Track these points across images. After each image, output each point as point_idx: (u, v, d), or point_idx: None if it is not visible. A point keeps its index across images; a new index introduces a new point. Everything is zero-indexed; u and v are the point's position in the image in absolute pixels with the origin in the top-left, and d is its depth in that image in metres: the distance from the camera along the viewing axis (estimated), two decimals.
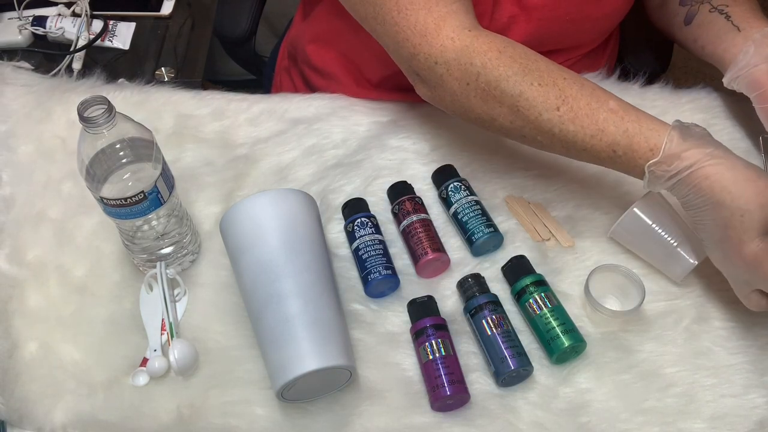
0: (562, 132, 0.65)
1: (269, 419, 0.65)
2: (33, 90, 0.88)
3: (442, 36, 0.67)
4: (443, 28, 0.67)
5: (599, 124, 0.64)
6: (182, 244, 0.72)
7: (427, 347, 0.66)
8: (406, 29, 0.68)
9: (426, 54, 0.68)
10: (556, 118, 0.65)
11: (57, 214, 0.78)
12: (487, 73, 0.66)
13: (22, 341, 0.70)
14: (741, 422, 0.63)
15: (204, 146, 0.83)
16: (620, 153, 0.63)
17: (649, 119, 0.63)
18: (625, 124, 0.63)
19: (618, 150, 0.63)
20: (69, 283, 0.74)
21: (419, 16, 0.68)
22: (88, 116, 0.59)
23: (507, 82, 0.65)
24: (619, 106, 0.64)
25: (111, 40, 1.02)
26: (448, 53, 0.67)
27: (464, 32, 0.67)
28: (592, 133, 0.64)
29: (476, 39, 0.67)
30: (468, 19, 0.69)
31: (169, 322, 0.69)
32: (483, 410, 0.65)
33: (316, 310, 0.63)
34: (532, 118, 0.65)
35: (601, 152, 0.64)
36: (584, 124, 0.64)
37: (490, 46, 0.66)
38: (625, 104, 0.65)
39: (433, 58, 0.68)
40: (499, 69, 0.66)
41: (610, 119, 0.63)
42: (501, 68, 0.66)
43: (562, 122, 0.65)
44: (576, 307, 0.70)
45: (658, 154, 0.61)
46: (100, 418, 0.66)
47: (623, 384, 0.66)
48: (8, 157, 0.83)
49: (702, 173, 0.61)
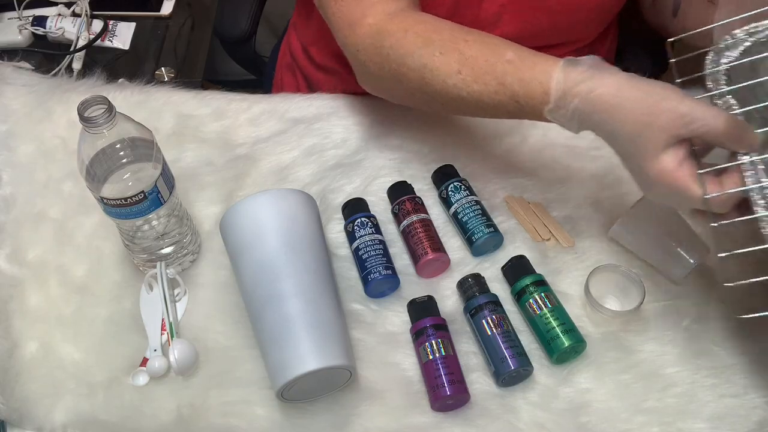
0: (470, 94, 0.65)
1: (269, 419, 0.65)
2: (33, 90, 0.88)
3: (364, 24, 0.69)
4: (367, 16, 0.69)
5: (499, 78, 0.64)
6: (182, 244, 0.72)
7: (427, 347, 0.66)
8: (340, 19, 0.70)
9: (352, 43, 0.70)
10: (460, 82, 0.65)
11: (57, 213, 0.78)
12: (395, 53, 0.67)
13: (23, 341, 0.70)
14: (741, 422, 0.63)
15: (204, 146, 0.83)
16: (523, 103, 0.63)
17: (544, 62, 0.62)
18: (520, 72, 0.62)
19: (520, 100, 0.63)
20: (69, 282, 0.74)
21: (351, 6, 0.69)
22: (89, 116, 0.59)
23: (411, 58, 0.66)
24: (516, 55, 0.64)
25: (111, 40, 1.02)
26: (366, 39, 0.69)
27: (382, 17, 0.68)
28: (495, 88, 0.64)
29: (390, 21, 0.68)
30: (394, 5, 0.69)
31: (169, 322, 0.69)
32: (483, 410, 0.65)
33: (316, 310, 0.63)
34: (439, 86, 0.66)
35: (509, 105, 0.64)
36: (486, 81, 0.64)
37: (399, 27, 0.67)
38: (524, 52, 0.64)
39: (355, 46, 0.70)
40: (405, 47, 0.67)
41: (507, 71, 0.63)
42: (406, 46, 0.67)
43: (466, 84, 0.65)
44: (576, 307, 0.70)
45: (550, 99, 0.61)
46: (100, 418, 0.66)
47: (623, 384, 0.66)
48: (8, 157, 0.83)
49: (593, 107, 0.59)
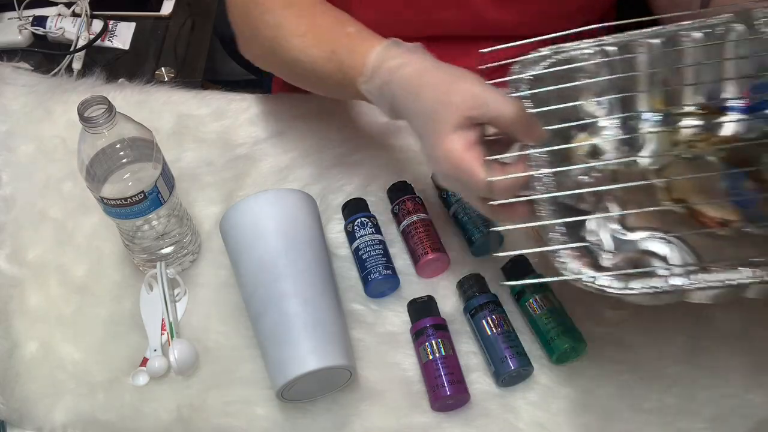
0: (307, 57, 0.67)
1: (269, 419, 0.65)
2: (33, 90, 0.88)
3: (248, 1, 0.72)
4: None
5: (333, 46, 0.65)
6: (182, 244, 0.72)
7: (427, 347, 0.66)
8: None
9: (229, 2, 0.73)
10: (301, 44, 0.67)
11: (57, 213, 0.78)
12: (257, 9, 0.69)
13: (22, 341, 0.70)
14: (741, 422, 0.63)
15: (204, 146, 0.83)
16: (345, 72, 0.64)
17: (376, 40, 0.63)
18: (352, 44, 0.64)
19: (344, 69, 0.64)
20: (69, 282, 0.74)
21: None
22: (89, 116, 0.59)
23: (271, 14, 0.69)
24: (356, 30, 0.65)
25: (111, 40, 1.02)
26: (239, 8, 0.72)
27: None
28: (328, 56, 0.65)
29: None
30: None
31: (169, 322, 0.69)
32: (483, 410, 0.65)
33: (316, 310, 0.63)
34: (285, 46, 0.68)
35: (335, 75, 0.65)
36: (323, 47, 0.66)
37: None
38: (366, 31, 0.65)
39: (229, 4, 0.73)
40: (266, 4, 0.69)
41: (343, 42, 0.65)
42: (268, 3, 0.69)
43: (306, 47, 0.66)
44: (576, 307, 0.70)
45: (365, 70, 0.62)
46: (100, 418, 0.66)
47: (623, 384, 0.66)
48: (8, 157, 0.83)
49: (398, 85, 0.60)
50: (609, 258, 0.61)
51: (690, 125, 0.67)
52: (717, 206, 0.62)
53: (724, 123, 0.67)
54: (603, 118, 0.68)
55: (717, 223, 0.61)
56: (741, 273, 0.52)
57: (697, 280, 0.53)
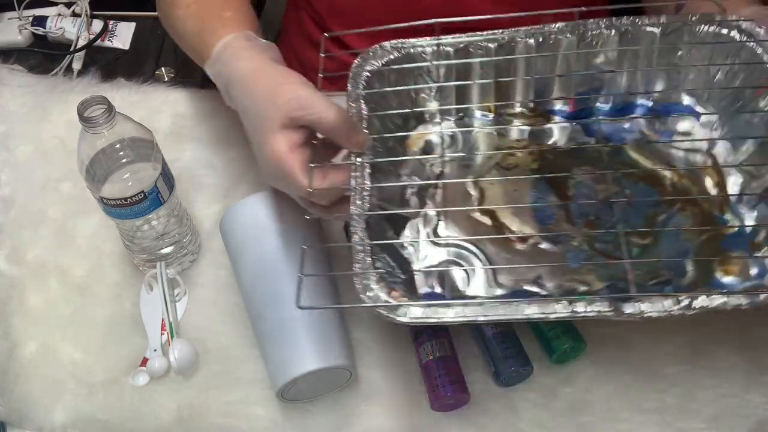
0: (183, 29, 0.71)
1: (269, 419, 0.65)
2: (30, 90, 0.88)
3: None
4: None
5: (203, 24, 0.68)
6: (182, 243, 0.72)
7: (427, 347, 0.66)
8: None
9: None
10: (183, 15, 0.70)
11: (56, 214, 0.78)
12: None
13: (22, 341, 0.70)
14: (741, 422, 0.63)
15: (203, 146, 0.83)
16: (202, 50, 0.66)
17: (238, 28, 0.66)
18: (219, 27, 0.66)
19: (202, 47, 0.66)
20: (69, 283, 0.74)
21: None
22: (88, 116, 0.59)
23: None
24: (233, 15, 0.67)
25: (111, 40, 1.02)
26: None
27: None
28: (197, 32, 0.68)
29: None
30: None
31: (169, 322, 0.69)
32: (483, 410, 0.65)
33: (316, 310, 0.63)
34: (172, 14, 0.72)
35: (197, 51, 0.68)
36: (196, 23, 0.69)
37: None
38: (242, 17, 0.68)
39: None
40: None
41: (212, 22, 0.67)
42: None
43: (184, 18, 0.70)
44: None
45: (211, 54, 0.65)
46: (100, 418, 0.66)
47: (623, 384, 0.66)
48: (7, 158, 0.83)
49: (229, 78, 0.63)
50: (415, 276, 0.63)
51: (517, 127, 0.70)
52: (520, 220, 0.64)
53: (547, 130, 0.69)
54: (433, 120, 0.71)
55: (518, 237, 0.62)
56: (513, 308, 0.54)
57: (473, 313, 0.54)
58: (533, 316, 0.53)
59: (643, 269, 0.60)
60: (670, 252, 0.62)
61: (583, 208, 0.65)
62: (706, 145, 0.67)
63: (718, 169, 0.65)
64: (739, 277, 0.59)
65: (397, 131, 0.69)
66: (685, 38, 0.66)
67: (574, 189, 0.65)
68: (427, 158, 0.69)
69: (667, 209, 0.64)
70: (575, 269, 0.61)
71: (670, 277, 0.60)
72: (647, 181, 0.65)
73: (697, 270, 0.60)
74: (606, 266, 0.61)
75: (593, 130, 0.68)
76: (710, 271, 0.59)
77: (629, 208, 0.63)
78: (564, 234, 0.63)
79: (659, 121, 0.69)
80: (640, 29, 0.66)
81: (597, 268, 0.61)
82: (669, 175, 0.66)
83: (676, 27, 0.66)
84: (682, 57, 0.67)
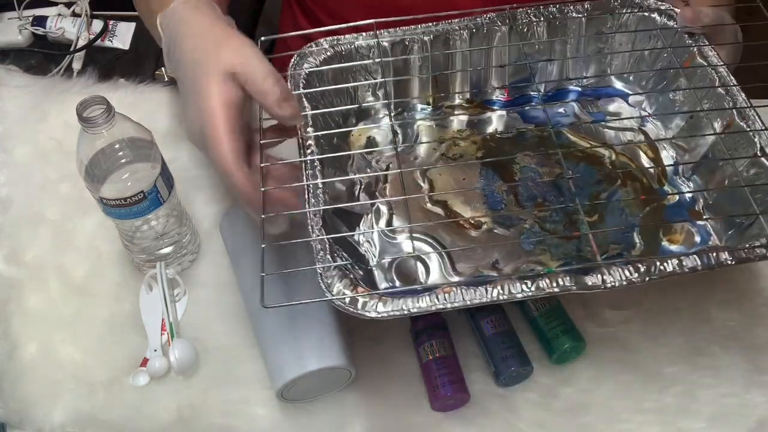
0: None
1: (269, 419, 0.65)
2: (28, 91, 0.88)
3: None
4: None
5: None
6: (182, 243, 0.72)
7: (427, 347, 0.66)
8: None
9: None
10: None
11: (55, 215, 0.78)
12: None
13: (22, 342, 0.70)
14: (741, 422, 0.63)
15: None
16: (155, 7, 0.65)
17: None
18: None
19: (155, 5, 0.65)
20: (69, 283, 0.74)
21: None
22: (87, 116, 0.59)
23: None
24: None
25: (111, 40, 1.02)
26: None
27: None
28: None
29: None
30: None
31: (169, 322, 0.69)
32: (483, 410, 0.65)
33: (316, 309, 0.63)
34: None
35: (151, 5, 0.66)
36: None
37: None
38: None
39: None
40: None
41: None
42: None
43: None
44: (576, 307, 0.69)
45: (170, 5, 0.63)
46: (101, 418, 0.66)
47: (623, 384, 0.66)
48: (4, 159, 0.83)
49: (176, 28, 0.62)
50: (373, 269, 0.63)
51: (457, 117, 0.72)
52: (471, 208, 0.66)
53: (486, 120, 0.72)
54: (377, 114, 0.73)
55: (471, 224, 0.64)
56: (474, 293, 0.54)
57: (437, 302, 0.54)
58: (499, 298, 0.53)
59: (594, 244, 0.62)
60: (616, 227, 0.64)
61: (531, 191, 0.67)
62: (637, 123, 0.70)
63: (653, 145, 0.68)
64: (684, 244, 0.64)
65: (343, 134, 0.71)
66: (608, 24, 0.69)
67: (519, 173, 0.68)
68: (372, 151, 0.71)
69: (609, 186, 0.67)
70: (530, 251, 0.63)
71: (620, 250, 0.63)
72: (588, 161, 0.68)
73: (644, 241, 0.63)
74: (559, 245, 0.63)
75: (530, 116, 0.71)
76: (657, 241, 0.63)
77: (574, 188, 0.66)
78: (517, 218, 0.65)
79: (591, 104, 0.72)
80: (567, 16, 0.69)
81: (550, 247, 0.63)
82: (608, 153, 0.69)
83: (600, 13, 0.69)
84: (608, 41, 0.70)
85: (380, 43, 0.69)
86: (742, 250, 0.54)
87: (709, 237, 0.63)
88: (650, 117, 0.70)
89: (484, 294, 0.53)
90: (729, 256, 0.54)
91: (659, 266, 0.54)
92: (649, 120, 0.70)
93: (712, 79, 0.64)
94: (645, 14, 0.68)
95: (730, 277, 0.70)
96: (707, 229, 0.63)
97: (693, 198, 0.65)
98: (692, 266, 0.54)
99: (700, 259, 0.54)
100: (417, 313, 0.53)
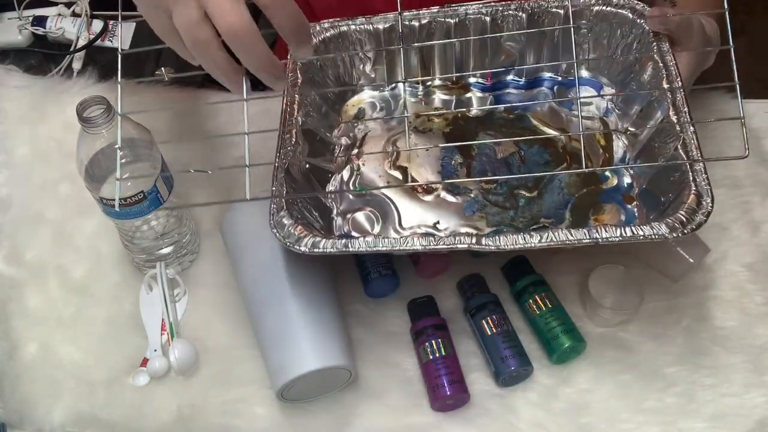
0: None
1: (269, 419, 0.65)
2: (27, 91, 0.88)
3: None
4: None
5: None
6: (182, 243, 0.72)
7: (427, 347, 0.66)
8: None
9: None
10: None
11: (55, 215, 0.78)
12: None
13: (22, 342, 0.70)
14: (741, 422, 0.63)
15: (202, 145, 0.83)
16: None
17: None
18: None
19: None
20: (68, 283, 0.74)
21: None
22: (87, 116, 0.59)
23: None
24: None
25: (111, 40, 1.02)
26: None
27: None
28: None
29: None
30: None
31: (169, 322, 0.69)
32: (483, 410, 0.65)
33: (316, 310, 0.63)
34: None
35: None
36: None
37: None
38: None
39: None
40: None
41: None
42: None
43: None
44: (576, 307, 0.70)
45: None
46: (101, 418, 0.66)
47: (623, 384, 0.66)
48: (4, 159, 0.83)
49: None
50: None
51: (440, 97, 0.79)
52: (428, 175, 0.73)
53: (466, 100, 0.78)
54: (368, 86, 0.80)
55: (424, 189, 0.71)
56: None
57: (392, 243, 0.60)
58: (443, 247, 0.59)
59: (527, 216, 0.69)
60: (552, 203, 0.69)
61: (484, 166, 0.73)
62: (599, 113, 0.75)
63: (606, 134, 0.73)
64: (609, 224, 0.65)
65: (333, 102, 0.78)
66: (583, 19, 0.74)
67: (477, 149, 0.74)
68: (356, 122, 0.78)
69: (556, 167, 0.72)
70: (469, 216, 0.69)
71: (548, 224, 0.68)
72: (541, 143, 0.74)
73: (573, 218, 0.68)
74: (496, 213, 0.69)
75: (504, 101, 0.77)
76: (585, 219, 0.68)
77: (523, 166, 0.72)
78: (465, 187, 0.71)
79: (563, 93, 0.77)
80: (546, 10, 0.74)
81: (488, 215, 0.69)
82: (563, 139, 0.74)
83: (577, 8, 0.74)
84: (583, 35, 0.75)
85: (375, 26, 0.75)
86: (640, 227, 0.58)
87: (634, 221, 0.67)
88: (613, 109, 0.75)
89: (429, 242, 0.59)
90: (616, 233, 0.57)
91: (552, 235, 0.58)
92: (612, 112, 0.75)
93: (660, 77, 0.68)
94: (620, 11, 0.72)
95: (730, 277, 0.71)
96: (634, 213, 0.67)
97: (630, 184, 0.69)
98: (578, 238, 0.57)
99: (589, 234, 0.58)
100: (363, 252, 0.59)
